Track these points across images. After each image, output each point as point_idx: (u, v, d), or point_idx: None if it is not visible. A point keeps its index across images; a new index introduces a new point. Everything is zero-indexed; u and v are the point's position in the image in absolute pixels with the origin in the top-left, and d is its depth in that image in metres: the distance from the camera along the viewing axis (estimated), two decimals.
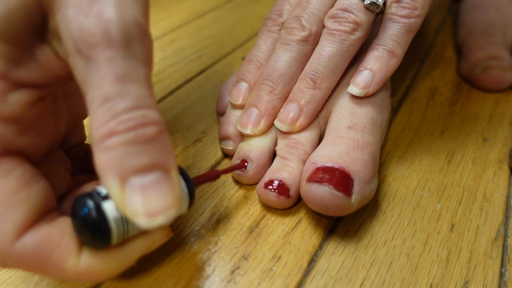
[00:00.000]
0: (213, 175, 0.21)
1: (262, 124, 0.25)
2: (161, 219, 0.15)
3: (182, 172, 0.18)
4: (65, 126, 0.21)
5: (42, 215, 0.16)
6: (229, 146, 0.26)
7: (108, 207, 0.15)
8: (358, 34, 0.24)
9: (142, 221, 0.14)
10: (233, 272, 0.20)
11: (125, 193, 0.14)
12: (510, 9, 0.40)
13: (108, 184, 0.14)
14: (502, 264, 0.21)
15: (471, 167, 0.27)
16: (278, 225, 0.22)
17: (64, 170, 0.20)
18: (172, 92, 0.34)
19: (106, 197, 0.16)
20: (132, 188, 0.14)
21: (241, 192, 0.25)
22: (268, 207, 0.23)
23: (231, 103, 0.27)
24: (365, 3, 0.24)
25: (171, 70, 0.37)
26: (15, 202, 0.15)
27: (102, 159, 0.14)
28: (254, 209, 0.23)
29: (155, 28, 0.45)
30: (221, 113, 0.30)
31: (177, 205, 0.15)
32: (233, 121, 0.27)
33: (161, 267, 0.20)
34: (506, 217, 0.24)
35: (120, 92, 0.14)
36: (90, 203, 0.15)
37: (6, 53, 0.15)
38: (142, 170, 0.15)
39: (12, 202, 0.15)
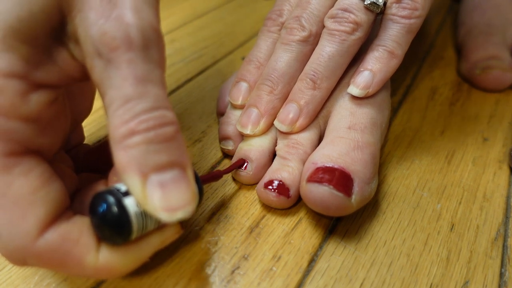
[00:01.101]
0: (216, 175, 0.22)
1: (262, 124, 0.25)
2: (181, 214, 0.15)
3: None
4: (70, 128, 0.21)
5: (60, 213, 0.17)
6: (229, 146, 0.26)
7: (129, 203, 0.16)
8: (358, 34, 0.24)
9: (163, 215, 0.15)
10: (233, 272, 0.20)
11: (146, 189, 0.15)
12: (510, 9, 0.40)
13: (129, 181, 0.15)
14: (502, 264, 0.21)
15: (471, 167, 0.27)
16: (278, 225, 0.22)
17: (69, 169, 0.20)
18: (172, 92, 0.34)
19: (126, 194, 0.16)
20: (152, 185, 0.15)
21: (241, 192, 0.25)
22: (268, 207, 0.23)
23: (231, 103, 0.27)
24: (365, 3, 0.24)
25: (171, 70, 0.37)
26: (36, 200, 0.16)
27: (123, 157, 0.15)
28: (254, 209, 0.23)
29: None
30: (221, 113, 0.30)
31: (194, 201, 0.16)
32: (233, 121, 0.27)
33: (161, 267, 0.20)
34: (506, 217, 0.24)
35: (140, 93, 0.15)
36: (111, 199, 0.16)
37: (27, 55, 0.15)
38: (162, 167, 0.15)
39: (33, 200, 0.16)
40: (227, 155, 0.27)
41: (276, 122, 0.25)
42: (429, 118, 0.31)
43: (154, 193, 0.15)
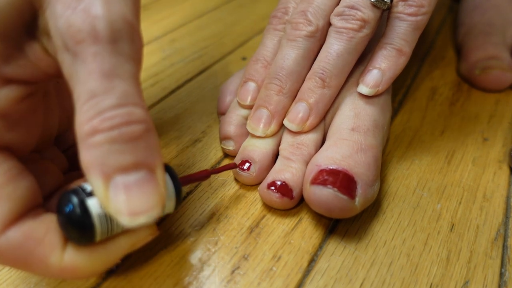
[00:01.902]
0: (203, 175, 0.21)
1: (273, 126, 0.25)
2: (143, 219, 0.15)
3: (170, 171, 0.18)
4: (58, 123, 0.21)
5: (27, 210, 0.16)
6: (229, 146, 0.26)
7: (92, 204, 0.15)
8: (366, 31, 0.24)
9: (124, 219, 0.14)
10: (233, 272, 0.20)
11: (109, 191, 0.14)
12: (510, 9, 0.40)
13: (92, 182, 0.14)
14: (502, 264, 0.21)
15: (471, 167, 0.27)
16: (278, 225, 0.22)
17: (55, 167, 0.20)
18: (172, 92, 0.34)
19: (91, 194, 0.16)
20: (115, 187, 0.14)
21: (241, 192, 0.25)
22: (268, 207, 0.23)
23: (239, 103, 0.27)
24: (372, 0, 0.24)
25: (171, 70, 0.37)
26: (0, 196, 0.15)
27: (86, 156, 0.14)
28: (254, 209, 0.23)
29: (155, 28, 0.45)
30: (221, 113, 0.29)
31: (160, 205, 0.15)
32: (235, 121, 0.27)
33: (161, 267, 0.20)
34: (506, 217, 0.24)
35: (106, 88, 0.14)
36: (74, 199, 0.15)
37: None
38: (126, 168, 0.14)
39: None
40: (228, 155, 0.27)
41: (286, 122, 0.25)
42: (429, 118, 0.31)
43: (116, 195, 0.14)
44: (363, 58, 0.26)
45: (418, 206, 0.24)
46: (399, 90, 0.34)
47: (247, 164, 0.24)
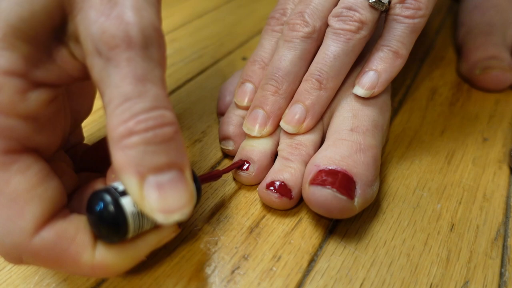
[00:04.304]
0: (215, 174, 0.22)
1: (269, 126, 0.25)
2: (177, 216, 0.15)
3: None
4: (70, 127, 0.21)
5: (57, 211, 0.17)
6: (229, 146, 0.26)
7: (126, 203, 0.16)
8: (363, 33, 0.24)
9: (159, 217, 0.15)
10: (233, 272, 0.20)
11: (144, 190, 0.15)
12: (510, 9, 0.40)
13: (126, 182, 0.15)
14: (502, 264, 0.21)
15: (471, 167, 0.27)
16: (278, 225, 0.22)
17: (69, 168, 0.20)
18: (172, 92, 0.34)
19: (123, 193, 0.16)
20: (150, 186, 0.15)
21: (241, 192, 0.25)
22: (268, 207, 0.23)
23: (237, 104, 0.27)
24: (370, 1, 0.24)
25: (171, 70, 0.37)
26: (32, 197, 0.16)
27: (121, 157, 0.15)
28: (254, 209, 0.23)
29: None
30: (221, 113, 0.29)
31: (192, 203, 0.16)
32: (234, 121, 0.27)
33: (161, 267, 0.20)
34: (506, 217, 0.24)
35: (140, 92, 0.15)
36: (108, 198, 0.16)
37: (27, 53, 0.15)
38: (160, 168, 0.15)
39: (30, 197, 0.16)
40: (227, 155, 0.27)
41: (282, 123, 0.25)
42: (429, 118, 0.31)
43: (151, 194, 0.15)
44: (361, 59, 0.26)
45: (418, 206, 0.24)
46: (399, 90, 0.34)
47: (246, 164, 0.24)
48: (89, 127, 0.29)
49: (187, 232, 0.22)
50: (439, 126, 0.31)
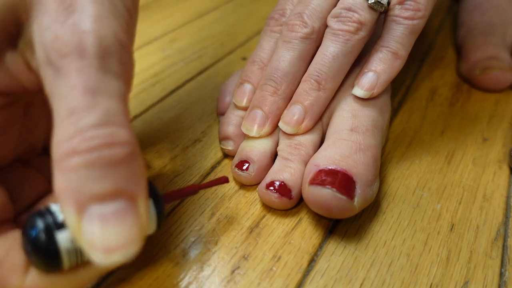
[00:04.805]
0: (190, 190, 0.20)
1: (267, 126, 0.25)
2: (119, 256, 0.13)
3: (152, 188, 0.16)
4: (47, 133, 0.20)
5: None
6: (229, 146, 0.26)
7: (62, 237, 0.14)
8: (362, 34, 0.24)
9: (97, 256, 0.13)
10: (233, 272, 0.20)
11: (82, 222, 0.13)
12: (510, 9, 0.40)
13: (64, 210, 0.13)
14: (502, 264, 0.21)
15: (471, 167, 0.27)
16: (278, 225, 0.22)
17: (40, 176, 0.19)
18: (172, 92, 0.34)
19: (62, 225, 0.14)
20: (90, 218, 0.13)
21: (241, 192, 0.25)
22: (268, 207, 0.23)
23: (235, 105, 0.27)
24: (369, 2, 0.24)
25: (171, 70, 0.37)
26: None
27: (60, 181, 0.13)
28: (254, 209, 0.23)
29: (155, 28, 0.45)
30: (221, 113, 0.29)
31: (140, 240, 0.13)
32: (234, 121, 0.27)
33: (161, 267, 0.20)
34: (506, 217, 0.24)
35: (88, 105, 0.13)
36: (41, 225, 0.14)
37: None
38: (104, 197, 0.13)
39: None
40: (227, 155, 0.27)
41: (281, 124, 0.25)
42: (429, 118, 0.31)
43: (90, 228, 0.13)
44: (360, 60, 0.26)
45: (418, 206, 0.24)
46: (399, 91, 0.34)
47: (245, 164, 0.24)
48: None
49: (187, 232, 0.22)
50: (439, 126, 0.31)
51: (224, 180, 0.21)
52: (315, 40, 0.25)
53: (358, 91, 0.25)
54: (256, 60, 0.27)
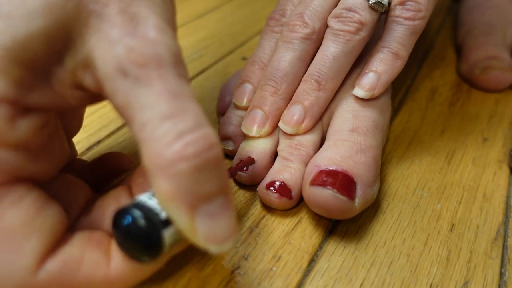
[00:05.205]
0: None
1: (267, 126, 0.25)
2: (229, 243, 0.15)
3: None
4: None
5: (59, 239, 0.15)
6: (229, 146, 0.26)
7: (168, 235, 0.15)
8: (363, 34, 0.24)
9: (214, 248, 0.14)
10: (233, 272, 0.20)
11: (195, 221, 0.14)
12: (510, 9, 0.40)
13: (174, 213, 0.14)
14: (502, 264, 0.21)
15: (471, 167, 0.27)
16: (278, 225, 0.22)
17: (81, 181, 0.19)
18: None
19: (166, 223, 0.15)
20: (202, 217, 0.14)
21: (241, 192, 0.25)
22: (268, 207, 0.23)
23: (235, 105, 0.27)
24: (370, 2, 0.24)
25: None
26: (31, 231, 0.14)
27: (167, 186, 0.14)
28: (254, 209, 0.23)
29: None
30: (221, 113, 0.29)
31: (238, 228, 0.15)
32: (234, 121, 0.27)
33: (161, 267, 0.20)
34: (506, 217, 0.24)
35: (180, 109, 0.14)
36: (155, 237, 0.15)
37: (20, 78, 0.14)
38: (211, 196, 0.14)
39: (28, 231, 0.14)
40: (227, 155, 0.27)
41: (281, 124, 0.25)
42: (429, 118, 0.31)
43: (204, 226, 0.14)
44: (360, 60, 0.26)
45: (418, 206, 0.24)
46: (399, 91, 0.34)
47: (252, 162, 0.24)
48: (89, 127, 0.29)
49: None
50: (439, 126, 0.31)
51: (251, 160, 0.23)
52: (316, 41, 0.25)
53: (359, 91, 0.25)
54: (256, 60, 0.27)
